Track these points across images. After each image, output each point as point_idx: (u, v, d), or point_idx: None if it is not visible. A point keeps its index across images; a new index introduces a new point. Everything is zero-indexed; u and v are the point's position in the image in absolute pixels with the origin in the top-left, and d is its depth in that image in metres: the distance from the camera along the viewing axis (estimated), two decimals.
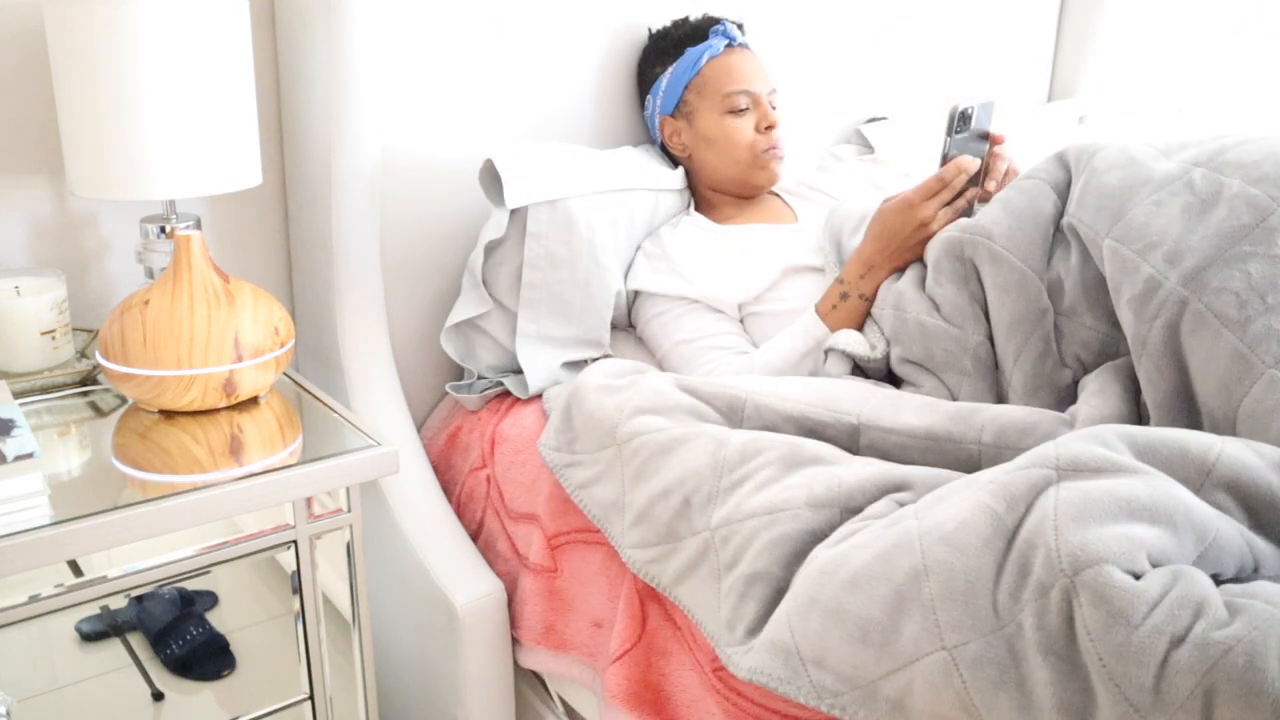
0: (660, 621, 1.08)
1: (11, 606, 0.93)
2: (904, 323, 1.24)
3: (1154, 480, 0.81)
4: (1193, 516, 0.79)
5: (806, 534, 0.96)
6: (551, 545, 1.22)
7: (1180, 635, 0.71)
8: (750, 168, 1.50)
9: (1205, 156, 1.07)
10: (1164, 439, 0.86)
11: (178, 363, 1.07)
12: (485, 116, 1.49)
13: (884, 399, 1.11)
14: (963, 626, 0.79)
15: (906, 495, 0.96)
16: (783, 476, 1.01)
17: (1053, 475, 0.82)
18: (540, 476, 1.26)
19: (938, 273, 1.22)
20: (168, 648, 1.09)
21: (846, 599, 0.85)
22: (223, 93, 1.15)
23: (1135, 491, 0.79)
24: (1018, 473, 0.84)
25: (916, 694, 0.80)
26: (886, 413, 1.08)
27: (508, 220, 1.35)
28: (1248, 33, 2.12)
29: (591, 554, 1.18)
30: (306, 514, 1.07)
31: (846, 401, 1.11)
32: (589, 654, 1.18)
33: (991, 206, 1.22)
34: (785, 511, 0.97)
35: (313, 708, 1.13)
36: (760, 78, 1.51)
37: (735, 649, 0.94)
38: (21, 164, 1.28)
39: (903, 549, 0.84)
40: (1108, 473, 0.81)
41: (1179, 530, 0.78)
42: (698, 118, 1.50)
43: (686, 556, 1.03)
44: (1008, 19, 2.09)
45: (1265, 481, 0.84)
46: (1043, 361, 1.14)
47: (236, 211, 1.44)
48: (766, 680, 0.88)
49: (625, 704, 1.06)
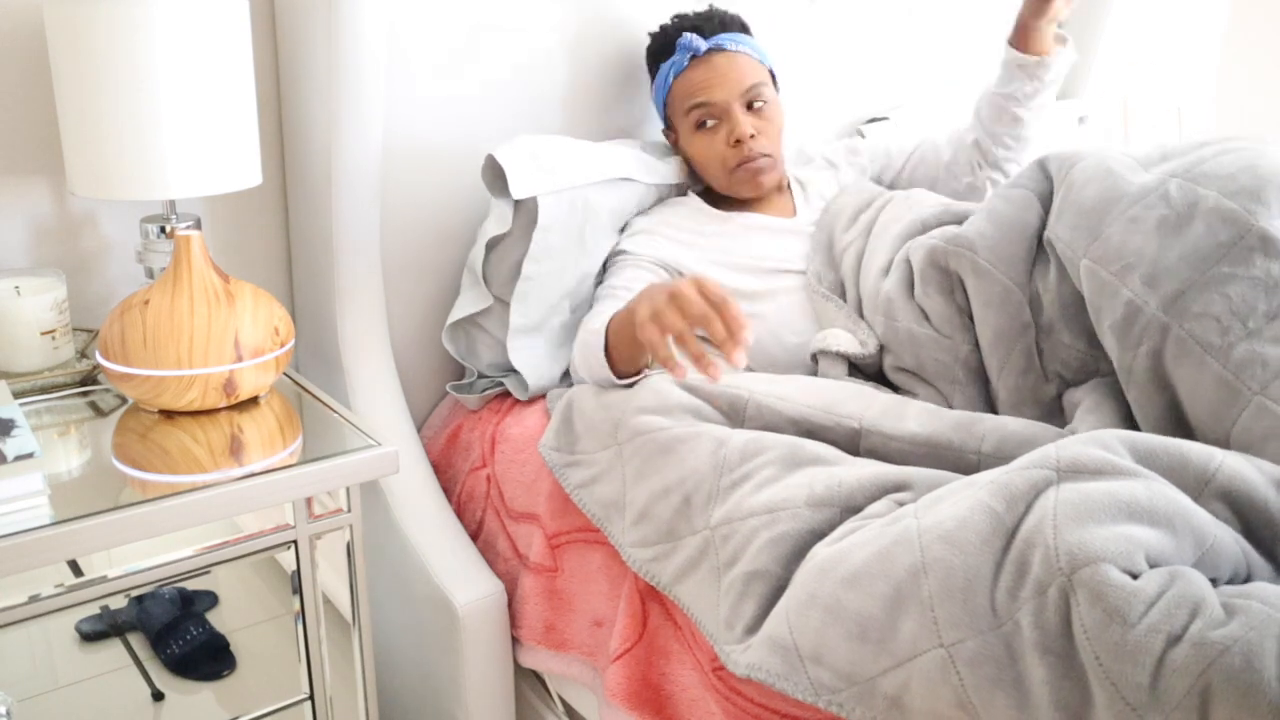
0: (661, 621, 1.08)
1: (11, 606, 0.93)
2: (895, 331, 1.24)
3: (1154, 484, 0.81)
4: (1191, 521, 0.79)
5: (806, 533, 0.96)
6: (552, 544, 1.22)
7: (1177, 634, 0.71)
8: (730, 183, 1.45)
9: (1183, 168, 1.06)
10: (1165, 446, 0.86)
11: (178, 363, 1.07)
12: (486, 115, 1.49)
13: (886, 404, 1.11)
14: (961, 624, 0.79)
15: (906, 495, 0.96)
16: (783, 476, 1.01)
17: (1053, 476, 0.83)
18: (540, 476, 1.26)
19: (924, 282, 1.22)
20: (168, 648, 1.09)
21: (845, 596, 0.85)
22: (223, 93, 1.15)
23: (1135, 494, 0.79)
24: (1018, 472, 0.84)
25: (914, 691, 0.81)
26: (888, 418, 1.08)
27: (513, 214, 1.35)
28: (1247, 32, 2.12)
29: (592, 553, 1.18)
30: (306, 514, 1.07)
31: (848, 404, 1.11)
32: (589, 653, 1.18)
33: (976, 216, 1.21)
34: (785, 511, 0.97)
35: (313, 708, 1.13)
36: (726, 84, 1.42)
37: (733, 647, 0.94)
38: (21, 164, 1.28)
39: (902, 547, 0.84)
40: (1108, 475, 0.81)
41: (1178, 533, 0.78)
42: (679, 134, 1.50)
43: (686, 555, 1.03)
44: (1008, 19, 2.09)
45: (1262, 497, 0.84)
46: (1025, 376, 1.14)
47: (236, 211, 1.44)
48: (765, 676, 0.88)
49: (625, 703, 1.07)
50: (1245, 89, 2.32)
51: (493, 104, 1.49)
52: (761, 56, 1.48)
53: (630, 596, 1.10)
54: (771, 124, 1.45)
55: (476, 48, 1.46)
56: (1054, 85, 1.49)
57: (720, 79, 1.42)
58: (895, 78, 1.97)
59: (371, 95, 1.34)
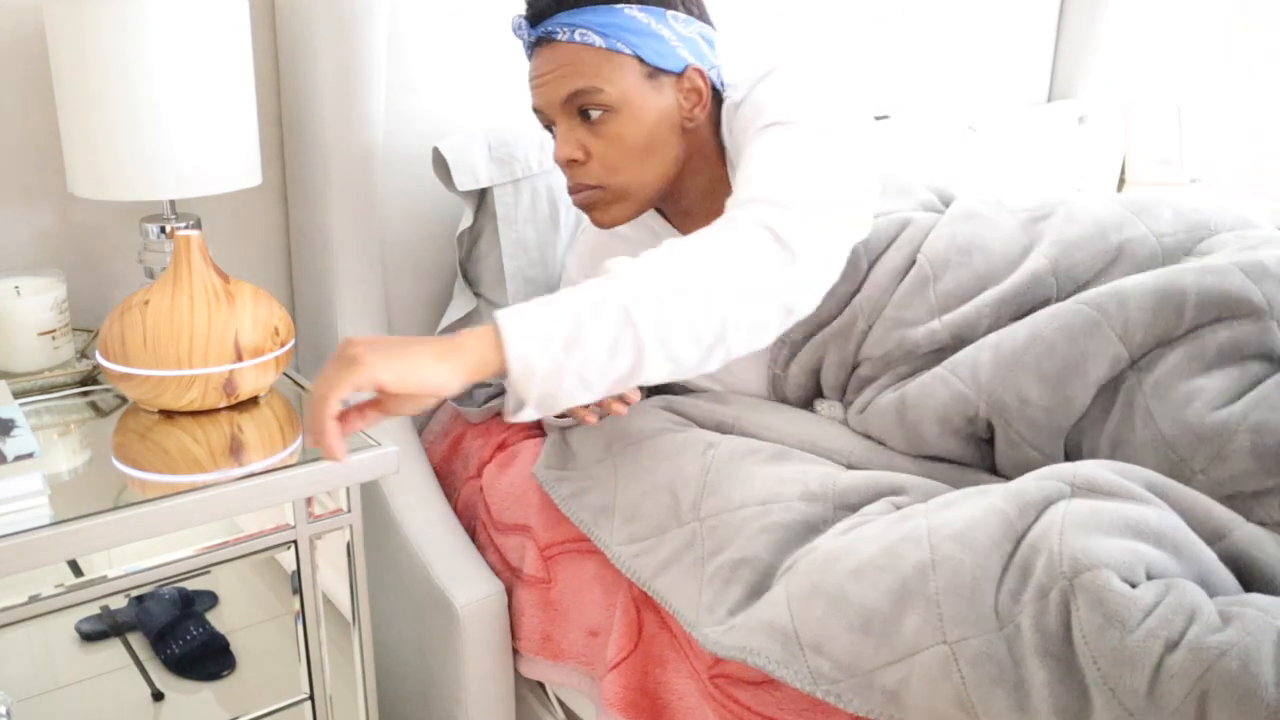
0: (657, 629, 1.08)
1: (11, 606, 0.93)
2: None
3: (1165, 513, 0.81)
4: (1197, 552, 0.80)
5: (799, 523, 0.96)
6: (545, 556, 1.22)
7: (1174, 640, 0.71)
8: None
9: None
10: (1188, 495, 0.86)
11: (178, 363, 1.07)
12: (487, 114, 1.49)
13: (872, 445, 1.11)
14: (966, 622, 0.79)
15: (903, 499, 0.96)
16: (775, 470, 1.01)
17: (1066, 490, 0.83)
18: (530, 486, 1.26)
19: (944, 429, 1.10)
20: (168, 648, 1.09)
21: (850, 587, 0.85)
22: (223, 93, 1.15)
23: (1145, 516, 0.79)
24: (1033, 482, 0.85)
25: (914, 686, 0.81)
26: (879, 457, 1.08)
27: (475, 209, 1.33)
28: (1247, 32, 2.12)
29: (585, 563, 1.18)
30: (306, 514, 1.07)
31: (835, 441, 1.10)
32: (586, 662, 1.18)
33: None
34: (778, 503, 0.98)
35: (313, 708, 1.13)
36: (546, 87, 1.08)
37: (714, 628, 0.94)
38: (21, 164, 1.28)
39: (911, 543, 0.85)
40: (1121, 497, 0.82)
41: (1182, 559, 0.79)
42: None
43: (671, 548, 1.03)
44: (1008, 19, 2.09)
45: (1273, 573, 0.83)
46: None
47: (236, 211, 1.44)
48: (763, 662, 0.88)
49: (623, 712, 1.06)
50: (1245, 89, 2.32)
51: (495, 102, 1.49)
52: (620, 37, 1.05)
53: (625, 605, 1.10)
54: (612, 144, 1.07)
55: (478, 46, 1.46)
56: None
57: (543, 80, 1.08)
58: (895, 79, 1.96)
59: (371, 95, 1.34)
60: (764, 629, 0.89)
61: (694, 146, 1.13)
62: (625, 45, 1.06)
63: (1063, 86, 2.23)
